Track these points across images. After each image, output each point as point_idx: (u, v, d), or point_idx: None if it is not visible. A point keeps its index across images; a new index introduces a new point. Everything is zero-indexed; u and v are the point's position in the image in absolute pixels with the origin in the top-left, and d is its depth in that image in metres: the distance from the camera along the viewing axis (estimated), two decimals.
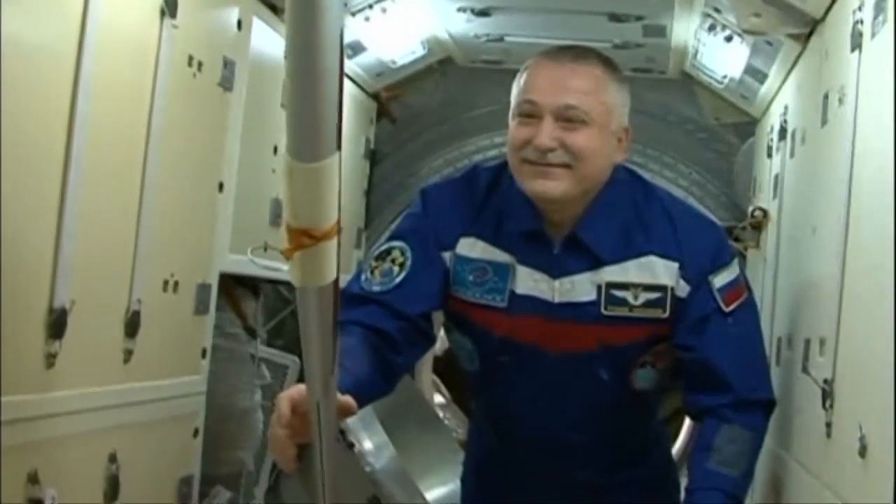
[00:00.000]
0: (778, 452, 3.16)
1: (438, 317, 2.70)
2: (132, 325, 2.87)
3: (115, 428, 2.87)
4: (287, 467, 2.11)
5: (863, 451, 2.09)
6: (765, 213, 4.19)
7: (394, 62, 4.87)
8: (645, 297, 2.56)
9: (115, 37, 2.66)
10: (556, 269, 2.56)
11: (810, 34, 3.33)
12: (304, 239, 1.47)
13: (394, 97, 5.25)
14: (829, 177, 2.75)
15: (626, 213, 2.58)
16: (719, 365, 2.57)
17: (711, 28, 4.06)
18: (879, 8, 2.35)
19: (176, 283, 3.15)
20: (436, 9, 4.36)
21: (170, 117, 2.98)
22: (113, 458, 2.83)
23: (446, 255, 2.61)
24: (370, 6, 4.13)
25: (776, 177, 3.93)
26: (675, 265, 2.56)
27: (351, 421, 3.79)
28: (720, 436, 2.54)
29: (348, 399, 2.12)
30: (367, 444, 4.06)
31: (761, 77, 4.16)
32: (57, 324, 2.49)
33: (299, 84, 1.34)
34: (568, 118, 2.44)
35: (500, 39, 4.72)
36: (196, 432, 3.42)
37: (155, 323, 2.99)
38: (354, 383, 2.28)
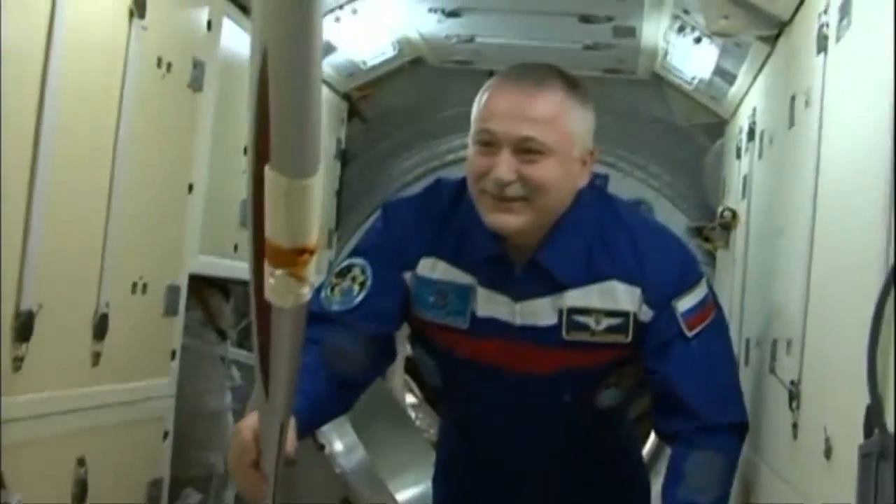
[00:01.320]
0: (747, 454, 3.16)
1: (403, 330, 2.69)
2: (100, 328, 2.86)
3: (84, 431, 2.86)
4: (258, 498, 2.07)
5: (828, 453, 2.10)
6: (734, 213, 4.21)
7: (365, 62, 4.87)
8: (607, 322, 2.51)
9: (82, 38, 2.65)
10: (517, 293, 2.51)
11: (778, 36, 3.35)
12: (306, 255, 1.44)
13: (365, 97, 5.24)
14: (796, 179, 2.76)
15: (590, 236, 2.51)
16: (683, 390, 2.52)
17: (681, 29, 4.07)
18: (844, 11, 2.36)
19: (145, 285, 3.14)
20: (406, 9, 4.36)
21: (139, 119, 2.97)
22: (81, 462, 2.82)
23: (407, 276, 2.57)
24: (340, 7, 4.12)
25: (745, 178, 3.94)
26: (638, 290, 2.50)
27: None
28: (689, 462, 2.51)
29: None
30: (338, 446, 4.07)
31: (730, 78, 4.18)
32: (24, 327, 2.47)
33: (291, 97, 1.29)
34: (527, 149, 2.37)
35: (471, 40, 4.73)
36: (165, 435, 3.41)
37: (123, 325, 2.98)
38: (310, 405, 2.27)
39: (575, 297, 2.49)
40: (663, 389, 2.55)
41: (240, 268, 3.89)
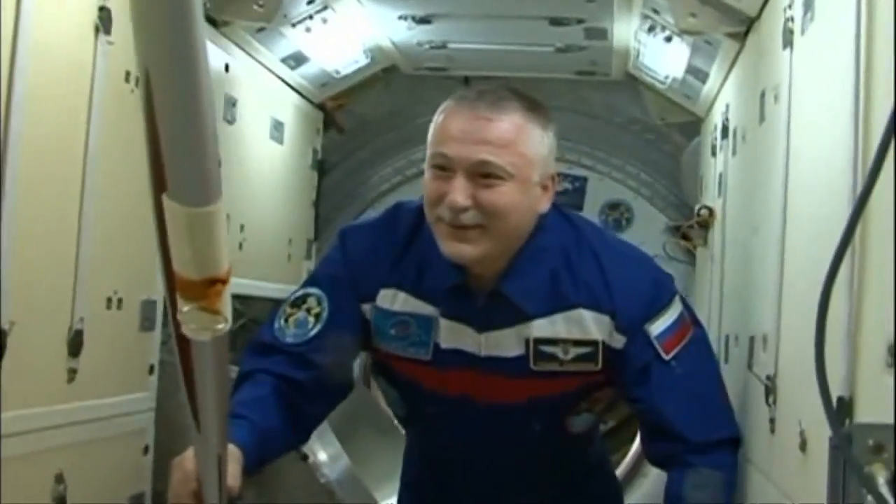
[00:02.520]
0: None
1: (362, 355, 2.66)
2: (75, 345, 2.85)
3: (62, 447, 2.85)
4: None
5: (803, 446, 2.10)
6: (710, 211, 4.22)
7: (337, 72, 4.87)
8: (575, 351, 2.42)
9: (47, 55, 2.64)
10: (481, 323, 2.42)
11: (747, 33, 3.36)
12: (218, 287, 1.38)
13: (340, 107, 5.24)
14: (768, 175, 2.76)
15: (555, 262, 2.41)
16: (669, 415, 2.45)
17: (651, 29, 4.08)
18: (808, 5, 2.37)
19: (120, 300, 3.13)
20: (376, 17, 4.36)
21: (108, 134, 2.96)
22: (59, 479, 2.81)
23: (366, 307, 2.48)
24: (310, 17, 4.11)
25: (720, 175, 3.95)
26: (607, 318, 2.41)
27: None
28: (687, 483, 2.44)
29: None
30: (322, 455, 4.05)
31: (703, 76, 4.19)
32: None
33: (179, 123, 1.23)
34: (483, 174, 2.26)
35: (443, 46, 4.74)
36: (146, 449, 3.39)
37: (99, 341, 2.97)
38: (261, 439, 2.25)
39: (541, 327, 2.41)
40: (649, 416, 2.48)
41: None
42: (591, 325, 2.41)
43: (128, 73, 3.10)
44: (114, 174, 3.04)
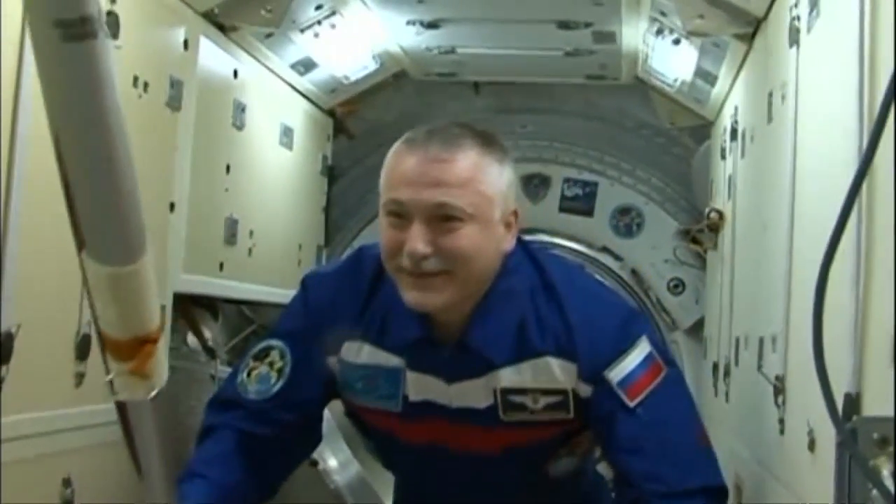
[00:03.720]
0: (739, 452, 3.16)
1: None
2: (83, 348, 2.85)
3: (69, 451, 2.85)
4: None
5: (811, 446, 2.09)
6: (720, 214, 4.20)
7: (347, 77, 4.87)
8: (545, 400, 2.28)
9: None
10: (448, 374, 2.29)
11: (755, 34, 3.35)
12: (148, 347, 1.34)
13: (350, 112, 5.25)
14: (776, 174, 2.76)
15: (521, 308, 2.26)
16: (635, 466, 2.25)
17: (659, 32, 4.08)
18: (813, 3, 2.36)
19: None
20: (385, 22, 4.36)
21: None
22: (67, 483, 2.81)
23: (331, 360, 2.36)
24: (318, 22, 4.12)
25: (729, 177, 3.94)
26: (574, 366, 2.25)
27: None
28: None
29: None
30: (332, 462, 4.04)
31: (712, 79, 4.18)
32: (2, 349, 2.46)
33: (92, 183, 1.19)
34: (442, 217, 2.11)
35: (452, 51, 4.74)
36: None
37: None
38: (222, 496, 2.22)
39: (508, 377, 2.26)
40: (616, 466, 2.33)
41: (226, 286, 3.90)
42: (558, 373, 2.26)
43: (136, 78, 3.10)
44: None
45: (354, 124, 5.31)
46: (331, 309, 2.34)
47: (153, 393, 1.36)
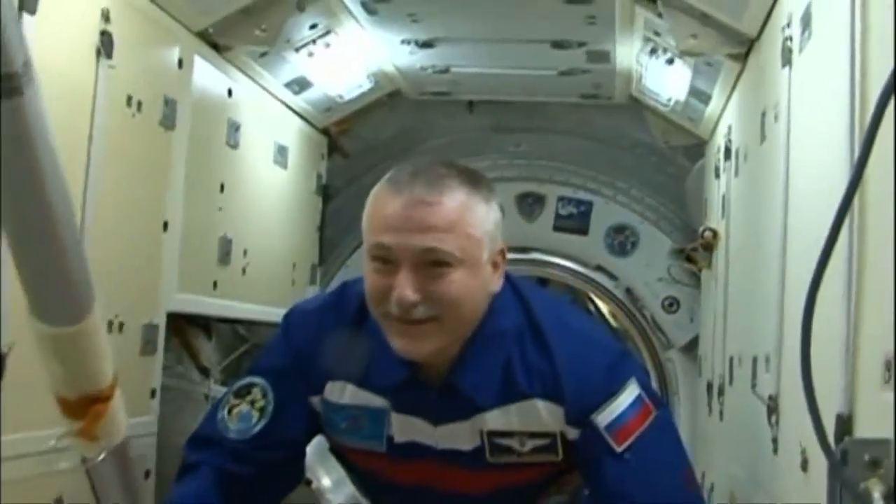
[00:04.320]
0: (733, 471, 3.16)
1: None
2: None
3: (61, 471, 2.82)
4: None
5: (804, 465, 2.09)
6: (714, 233, 4.21)
7: (341, 97, 4.87)
8: (532, 443, 2.21)
9: (48, 78, 2.63)
10: (434, 416, 2.22)
11: (748, 53, 3.36)
12: (98, 407, 1.31)
13: (344, 132, 5.25)
14: (769, 194, 2.76)
15: (508, 349, 2.19)
16: None
17: (653, 51, 4.09)
18: (805, 23, 2.37)
19: (121, 324, 3.13)
20: (379, 42, 4.37)
21: (109, 158, 2.97)
22: (59, 502, 2.79)
23: (315, 400, 2.30)
24: (313, 41, 4.12)
25: (723, 197, 3.95)
26: (561, 410, 2.18)
27: (308, 458, 3.76)
28: None
29: None
30: (326, 481, 4.02)
31: (706, 98, 4.19)
32: None
33: (29, 244, 1.16)
34: (431, 262, 2.03)
35: (447, 70, 4.74)
36: (147, 474, 3.37)
37: None
38: None
39: (495, 420, 2.19)
40: None
41: (219, 305, 3.89)
42: (546, 416, 2.18)
43: (129, 97, 3.11)
44: (115, 198, 3.04)
45: (349, 143, 5.31)
46: (313, 348, 2.27)
47: (102, 455, 1.32)
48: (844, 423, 1.74)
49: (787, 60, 2.56)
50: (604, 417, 2.15)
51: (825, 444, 1.52)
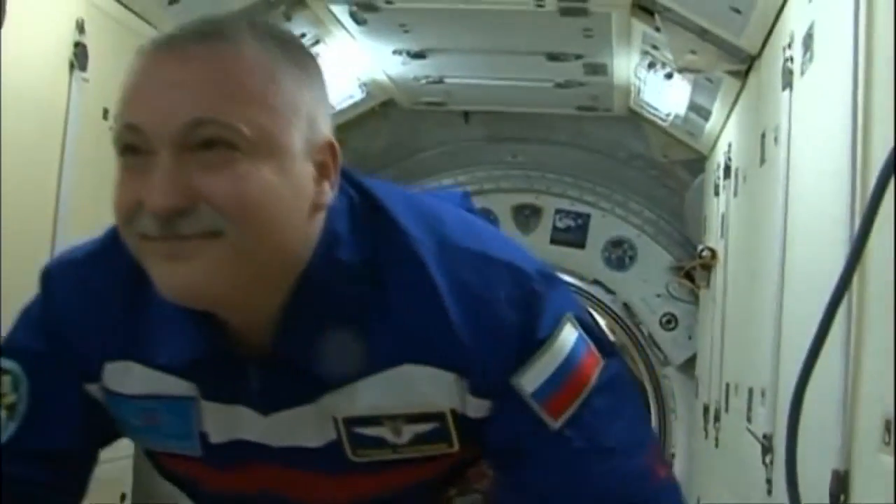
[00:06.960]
0: None
1: None
2: None
3: None
4: None
5: None
6: (713, 252, 4.12)
7: (332, 107, 4.75)
8: (412, 430, 1.44)
9: (19, 92, 2.55)
10: (260, 402, 1.44)
11: (749, 70, 3.26)
12: None
13: (337, 142, 5.14)
14: (767, 221, 2.68)
15: (357, 293, 1.38)
16: None
17: (651, 65, 3.99)
18: (807, 45, 2.26)
19: None
20: (370, 52, 4.28)
21: (84, 171, 2.87)
22: None
23: (93, 388, 1.49)
24: None
25: (723, 216, 3.86)
26: (451, 375, 1.38)
27: None
28: None
29: None
30: None
31: (705, 114, 4.09)
32: None
33: None
34: (204, 144, 1.23)
35: (441, 81, 4.65)
36: (123, 497, 3.29)
37: None
38: None
39: (350, 401, 1.42)
40: None
41: None
42: (426, 388, 1.40)
43: (105, 111, 3.00)
44: (92, 211, 2.94)
45: (341, 153, 5.20)
46: (81, 315, 1.48)
47: None
48: (841, 481, 1.65)
49: (787, 83, 2.46)
50: (529, 379, 1.38)
51: None
